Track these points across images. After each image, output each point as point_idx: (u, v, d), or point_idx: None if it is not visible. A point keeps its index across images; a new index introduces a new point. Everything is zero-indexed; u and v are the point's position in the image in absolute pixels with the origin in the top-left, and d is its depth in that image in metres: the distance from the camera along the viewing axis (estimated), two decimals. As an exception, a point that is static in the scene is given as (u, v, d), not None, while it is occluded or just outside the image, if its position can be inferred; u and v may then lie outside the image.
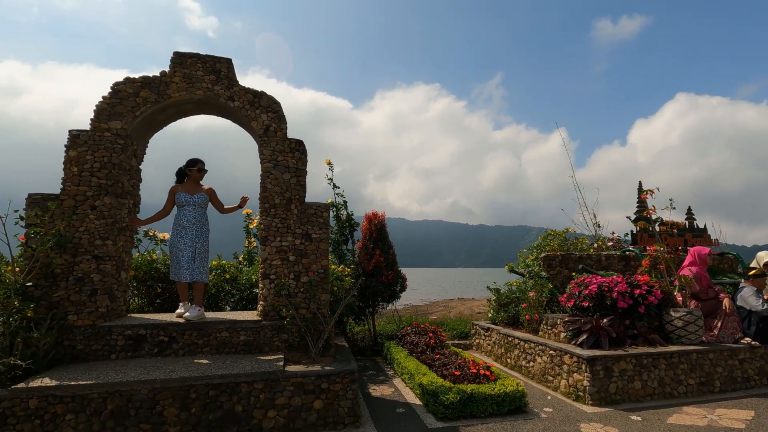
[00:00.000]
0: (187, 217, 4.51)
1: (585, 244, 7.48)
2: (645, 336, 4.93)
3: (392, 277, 6.92)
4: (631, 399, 4.38)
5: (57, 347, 3.77)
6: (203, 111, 4.91)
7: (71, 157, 4.10)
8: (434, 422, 3.82)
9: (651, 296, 5.11)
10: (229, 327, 4.20)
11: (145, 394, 3.29)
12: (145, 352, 3.99)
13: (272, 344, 4.26)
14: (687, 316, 4.93)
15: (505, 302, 6.68)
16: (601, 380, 4.33)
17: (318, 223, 4.62)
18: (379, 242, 7.05)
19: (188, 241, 4.47)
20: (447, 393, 3.90)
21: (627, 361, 4.45)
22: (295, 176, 4.59)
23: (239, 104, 4.55)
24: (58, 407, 3.15)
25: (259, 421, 3.48)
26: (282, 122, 4.62)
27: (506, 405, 3.99)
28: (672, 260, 5.62)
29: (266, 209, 4.49)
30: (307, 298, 4.44)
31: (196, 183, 4.71)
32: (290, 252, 4.47)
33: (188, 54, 4.48)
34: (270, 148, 4.55)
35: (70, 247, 3.97)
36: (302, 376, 3.62)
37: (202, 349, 4.11)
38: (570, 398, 4.47)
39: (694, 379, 4.66)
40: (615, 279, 5.26)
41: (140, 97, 4.32)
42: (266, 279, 4.41)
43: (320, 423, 3.60)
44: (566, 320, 5.06)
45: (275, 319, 4.32)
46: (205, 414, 3.39)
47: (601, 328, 4.78)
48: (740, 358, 4.90)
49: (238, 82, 4.64)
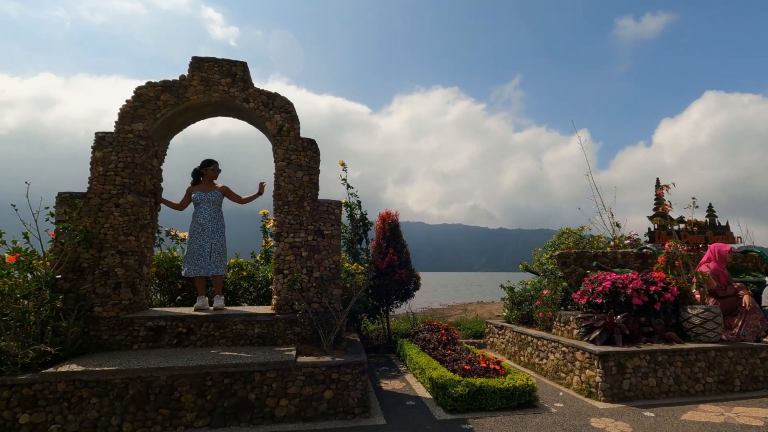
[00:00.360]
0: (203, 215, 4.76)
1: (601, 242, 7.37)
2: (661, 333, 4.85)
3: (406, 276, 6.98)
4: (646, 396, 4.32)
5: (83, 337, 3.99)
6: (221, 113, 5.12)
7: (97, 158, 4.34)
8: (443, 414, 3.87)
9: (667, 293, 5.03)
10: (244, 320, 4.35)
11: (164, 381, 3.46)
12: (165, 343, 4.17)
13: (285, 337, 4.39)
14: (705, 314, 4.83)
15: (519, 300, 6.66)
16: (614, 376, 4.29)
17: (330, 219, 4.74)
18: (392, 241, 7.13)
19: (206, 237, 4.73)
20: (456, 386, 3.94)
21: (641, 357, 4.39)
22: (308, 174, 4.72)
23: (254, 105, 4.72)
24: (84, 391, 3.34)
25: (271, 408, 3.60)
26: (295, 122, 4.77)
27: (516, 399, 4.00)
28: (690, 257, 5.50)
29: (279, 206, 4.63)
30: (319, 292, 4.56)
31: (210, 182, 4.95)
32: (303, 248, 4.60)
33: (205, 58, 4.69)
34: (283, 147, 4.70)
35: (95, 242, 4.20)
36: (313, 366, 3.73)
37: (218, 341, 4.27)
38: (582, 394, 4.44)
39: (713, 378, 4.55)
40: (630, 276, 5.19)
41: (161, 100, 4.54)
42: (280, 274, 4.55)
43: (330, 412, 3.69)
44: (579, 317, 5.02)
45: (288, 313, 4.45)
46: (220, 401, 3.53)
47: (615, 324, 4.72)
48: (762, 356, 4.75)
49: (252, 85, 4.82)
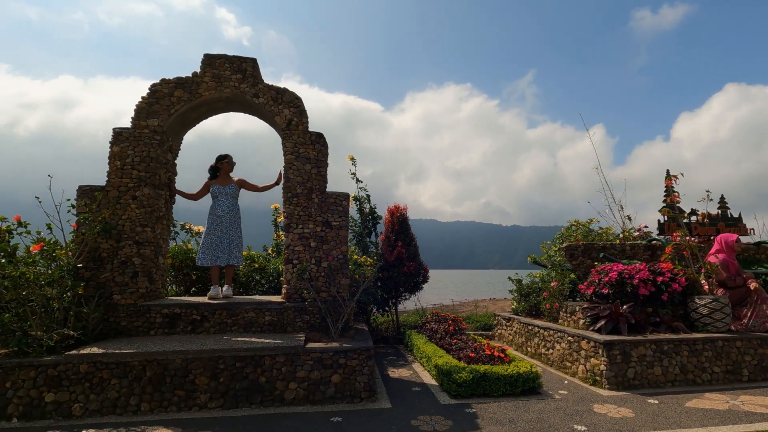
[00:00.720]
0: (222, 207, 5.00)
1: (611, 235, 7.34)
2: (668, 323, 4.85)
3: (414, 268, 7.07)
4: (651, 384, 4.34)
5: (103, 323, 4.19)
6: (232, 108, 5.27)
7: (115, 152, 4.53)
8: (447, 399, 3.96)
9: (674, 284, 5.02)
10: (255, 308, 4.50)
11: (179, 363, 3.62)
12: (180, 329, 4.35)
13: (295, 324, 4.53)
14: (713, 304, 4.82)
15: (527, 292, 6.70)
16: (619, 365, 4.32)
17: (338, 211, 4.85)
18: (401, 234, 7.23)
19: (224, 229, 4.97)
20: (460, 372, 4.03)
21: (646, 346, 4.41)
22: (316, 167, 4.85)
23: (264, 100, 4.86)
24: (104, 372, 3.53)
25: (281, 391, 3.74)
26: (303, 116, 4.90)
27: (519, 385, 4.07)
28: (699, 248, 5.47)
29: (289, 198, 4.77)
30: (328, 282, 4.68)
31: (227, 175, 5.17)
32: (311, 238, 4.73)
33: (217, 55, 4.84)
34: (292, 141, 4.84)
35: (114, 233, 4.39)
36: (321, 351, 3.85)
37: (230, 328, 4.43)
38: (587, 383, 4.48)
39: (720, 367, 4.55)
40: (637, 267, 5.19)
41: (174, 96, 4.71)
42: (289, 264, 4.69)
43: (338, 396, 3.81)
44: (585, 307, 5.05)
45: (297, 302, 4.59)
46: (232, 383, 3.68)
47: (620, 314, 4.75)
48: (771, 347, 4.72)
49: (262, 80, 4.96)
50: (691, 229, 6.62)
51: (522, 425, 3.32)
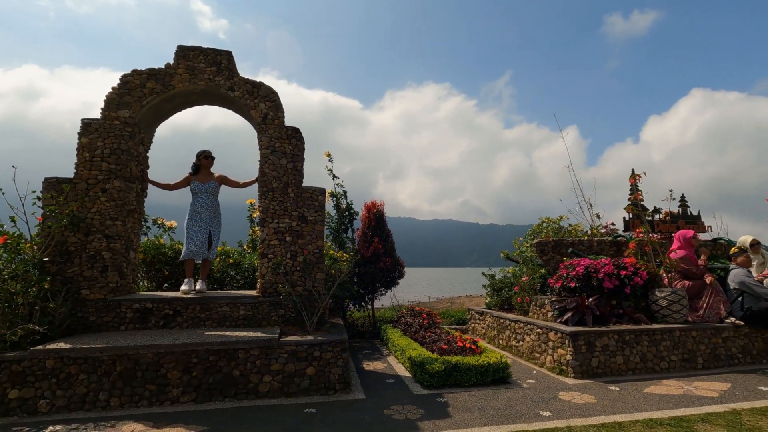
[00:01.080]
0: (201, 204, 5.00)
1: (579, 231, 7.61)
2: (630, 315, 5.10)
3: (390, 264, 7.16)
4: (613, 373, 4.56)
5: (71, 318, 4.09)
6: (207, 101, 5.20)
7: (83, 144, 4.41)
8: (420, 390, 4.05)
9: (637, 277, 5.26)
10: (229, 302, 4.48)
11: (151, 358, 3.58)
12: (152, 324, 4.29)
13: (270, 319, 4.53)
14: (671, 296, 5.09)
15: (499, 287, 6.88)
16: (584, 354, 4.52)
17: (314, 206, 4.87)
18: (377, 230, 7.31)
19: (203, 225, 4.97)
20: (433, 363, 4.13)
21: (609, 336, 4.63)
22: (292, 161, 4.85)
23: (239, 94, 4.83)
24: (72, 368, 3.46)
25: (255, 384, 3.75)
26: (279, 111, 4.89)
27: (489, 375, 4.20)
28: (659, 243, 5.76)
29: (264, 193, 4.76)
30: (303, 276, 4.70)
31: (207, 172, 5.16)
32: (287, 233, 4.74)
33: (191, 47, 4.78)
34: (268, 135, 4.82)
35: (82, 226, 4.28)
36: (296, 344, 3.88)
37: (204, 323, 4.40)
38: (554, 372, 4.66)
39: (677, 356, 4.81)
40: (602, 261, 5.42)
41: (147, 87, 4.63)
42: (264, 258, 4.68)
43: (312, 388, 3.85)
44: (553, 300, 5.24)
45: (273, 296, 4.59)
46: (205, 377, 3.66)
47: (586, 306, 4.96)
48: (724, 336, 5.03)
49: (238, 74, 4.92)
50: (653, 226, 6.94)
51: (491, 412, 3.44)
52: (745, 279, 5.34)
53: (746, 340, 5.12)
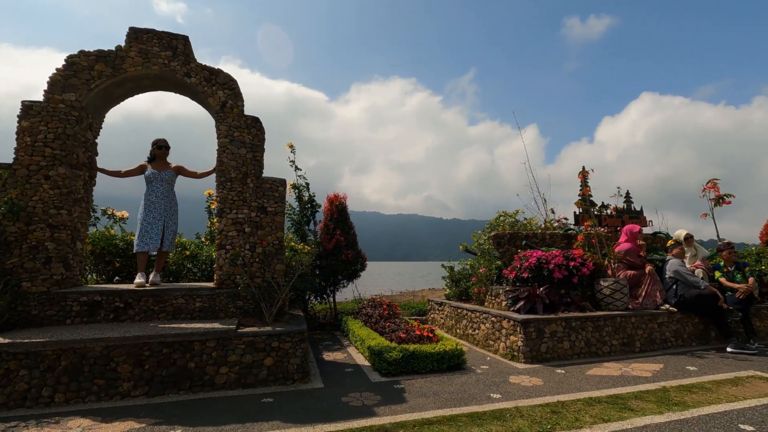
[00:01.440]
0: (156, 193, 4.84)
1: (534, 225, 7.96)
2: (577, 303, 5.41)
3: (352, 256, 7.20)
4: (560, 357, 4.84)
5: (10, 311, 3.86)
6: (161, 87, 5.02)
7: (24, 128, 4.15)
8: (378, 378, 4.14)
9: (584, 268, 5.60)
10: (185, 294, 4.38)
11: (99, 352, 3.45)
12: (101, 318, 4.12)
13: (227, 310, 4.47)
14: (614, 285, 5.45)
15: (458, 278, 7.09)
16: (534, 341, 4.76)
17: (273, 197, 4.83)
18: (340, 223, 7.32)
19: (158, 215, 4.81)
20: (391, 351, 4.23)
21: (557, 323, 4.90)
22: (251, 151, 4.78)
23: (196, 80, 4.69)
24: (12, 363, 3.28)
25: (211, 376, 3.70)
26: (238, 99, 4.79)
27: (445, 362, 4.36)
28: (605, 236, 6.14)
29: (222, 183, 4.67)
30: (262, 267, 4.66)
31: (163, 161, 4.99)
32: (246, 224, 4.67)
33: (144, 29, 4.58)
34: (226, 124, 4.72)
35: (23, 215, 4.04)
36: (254, 335, 3.86)
37: (158, 315, 4.28)
38: (506, 358, 4.89)
39: (618, 340, 5.17)
40: (553, 253, 5.72)
41: (95, 70, 4.40)
42: (222, 249, 4.60)
43: (271, 379, 3.85)
44: (507, 290, 5.48)
45: (230, 287, 4.53)
46: (158, 370, 3.58)
47: (537, 295, 5.22)
48: (659, 321, 5.45)
49: (195, 59, 4.77)
50: (601, 220, 7.37)
51: (445, 396, 3.58)
52: (679, 269, 5.79)
53: (678, 325, 5.57)
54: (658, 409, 3.25)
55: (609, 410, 3.22)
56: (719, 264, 6.23)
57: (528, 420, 3.03)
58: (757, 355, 5.05)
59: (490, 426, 2.92)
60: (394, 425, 2.94)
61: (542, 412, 3.18)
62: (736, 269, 6.06)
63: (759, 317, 6.15)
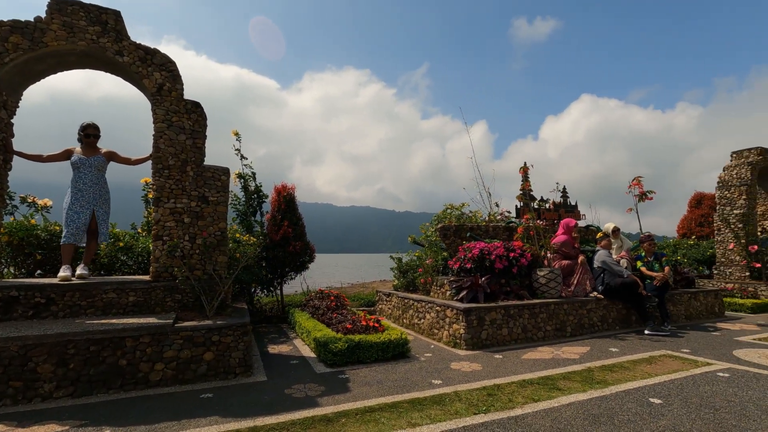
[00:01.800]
0: (84, 180, 4.48)
1: (480, 218, 8.27)
2: (516, 292, 5.71)
3: (300, 248, 7.10)
4: (499, 343, 5.10)
5: None
6: (90, 65, 4.63)
7: None
8: (323, 369, 4.15)
9: (523, 259, 5.91)
10: (117, 288, 4.12)
11: (15, 351, 3.17)
12: (19, 315, 3.78)
13: (165, 304, 4.26)
14: (549, 274, 5.80)
15: (405, 269, 7.23)
16: (475, 328, 4.98)
17: (216, 186, 4.64)
18: (287, 213, 7.18)
19: (86, 204, 4.46)
20: (336, 342, 4.24)
21: (497, 311, 5.15)
22: (191, 138, 4.55)
23: (129, 60, 4.38)
24: None
25: (145, 374, 3.52)
26: (177, 82, 4.54)
27: (390, 351, 4.44)
28: (542, 229, 6.51)
29: (159, 170, 4.42)
30: (203, 259, 4.48)
31: (92, 146, 4.65)
32: (185, 214, 4.46)
33: (69, 0, 4.19)
34: (164, 108, 4.46)
35: None
36: (192, 329, 3.71)
37: (85, 311, 3.99)
38: (449, 345, 5.07)
39: (551, 326, 5.53)
40: (495, 244, 5.98)
41: (10, 42, 3.97)
42: (159, 240, 4.37)
43: (211, 373, 3.73)
44: (451, 280, 5.67)
45: (168, 280, 4.32)
46: (85, 369, 3.35)
47: (479, 285, 5.44)
48: (588, 308, 5.89)
49: (128, 37, 4.44)
50: (540, 213, 7.80)
51: (388, 384, 3.66)
52: (606, 259, 6.28)
53: (605, 311, 6.05)
54: (582, 387, 3.52)
55: (540, 390, 3.45)
56: (641, 254, 6.82)
57: (466, 403, 3.17)
58: (670, 336, 5.61)
59: (429, 411, 3.03)
60: (337, 414, 2.97)
61: (479, 395, 3.34)
62: (654, 259, 6.66)
63: (673, 302, 6.83)
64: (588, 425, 2.77)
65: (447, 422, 2.82)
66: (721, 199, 9.76)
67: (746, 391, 3.43)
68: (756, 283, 8.86)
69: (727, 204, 9.60)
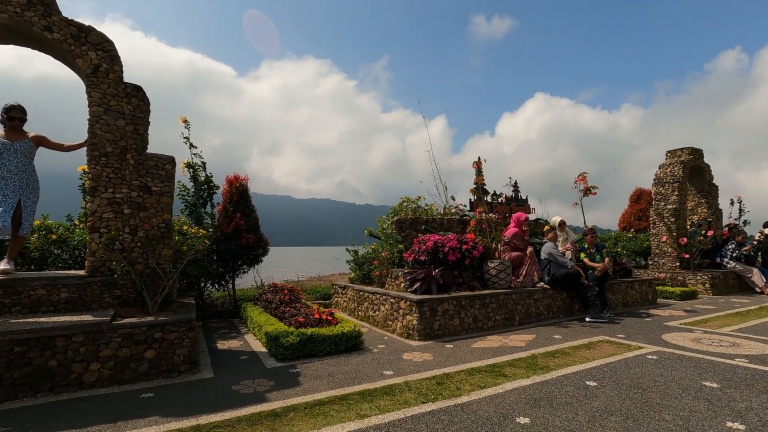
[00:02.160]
0: (9, 167, 4.10)
1: (435, 211, 8.41)
2: (468, 283, 5.87)
3: (253, 240, 6.91)
4: (451, 333, 5.23)
5: None
6: (13, 41, 4.22)
7: None
8: (274, 363, 4.07)
9: (475, 251, 6.07)
10: (47, 284, 3.82)
11: (-77, 355, 2.87)
12: (-71, 315, 3.42)
13: (102, 301, 4.01)
14: (499, 266, 6.00)
15: (361, 262, 7.23)
16: (427, 319, 5.07)
17: (159, 175, 4.40)
18: (240, 205, 6.96)
19: (9, 192, 4.07)
20: (288, 336, 4.18)
21: (449, 302, 5.27)
22: (132, 124, 4.28)
23: (59, 37, 4.03)
24: None
25: (79, 375, 3.30)
26: (115, 63, 4.24)
27: (343, 344, 4.43)
28: (494, 222, 6.71)
29: (95, 157, 4.12)
30: (145, 253, 4.25)
31: (17, 130, 4.26)
32: (125, 205, 4.20)
33: (-14, -33, 3.79)
34: (100, 91, 4.15)
35: None
36: (132, 327, 3.52)
37: (10, 309, 3.68)
38: (403, 337, 5.14)
39: (501, 316, 5.73)
40: (448, 237, 6.10)
41: None
42: (95, 233, 4.09)
43: (153, 372, 3.56)
44: (406, 272, 5.73)
45: (105, 275, 4.06)
46: (8, 372, 3.09)
47: (433, 277, 5.54)
48: (535, 298, 6.16)
49: (59, 12, 4.09)
50: (492, 207, 8.03)
51: (339, 377, 3.65)
52: (552, 251, 6.58)
53: (550, 300, 6.35)
54: (526, 373, 3.68)
55: (486, 378, 3.57)
56: (584, 246, 7.21)
57: (415, 393, 3.22)
58: (608, 323, 5.98)
59: (379, 401, 3.05)
60: (285, 409, 2.93)
61: (429, 385, 3.40)
62: (596, 251, 7.06)
63: (612, 291, 7.29)
64: (528, 408, 2.90)
65: (395, 412, 2.85)
66: (657, 194, 10.48)
67: (670, 371, 3.73)
68: (685, 272, 9.64)
69: (662, 199, 10.34)
